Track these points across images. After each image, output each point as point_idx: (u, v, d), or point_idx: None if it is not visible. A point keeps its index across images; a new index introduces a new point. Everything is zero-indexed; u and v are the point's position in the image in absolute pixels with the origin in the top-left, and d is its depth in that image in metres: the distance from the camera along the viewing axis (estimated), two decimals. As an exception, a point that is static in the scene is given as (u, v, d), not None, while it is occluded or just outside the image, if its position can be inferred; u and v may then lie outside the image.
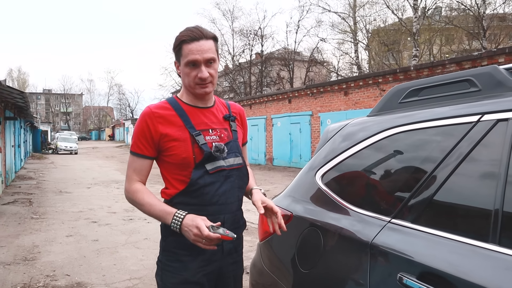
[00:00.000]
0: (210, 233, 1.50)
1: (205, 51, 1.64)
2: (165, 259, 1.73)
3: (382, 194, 1.78)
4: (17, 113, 15.92)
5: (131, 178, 1.73)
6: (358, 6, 31.09)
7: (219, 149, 1.69)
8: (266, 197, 1.80)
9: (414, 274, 1.31)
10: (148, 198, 1.67)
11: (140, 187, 1.71)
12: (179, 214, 1.59)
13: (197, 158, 1.67)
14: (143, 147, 1.69)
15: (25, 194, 11.21)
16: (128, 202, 1.80)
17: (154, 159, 1.74)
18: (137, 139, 1.71)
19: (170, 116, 1.70)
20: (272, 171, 18.57)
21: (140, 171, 1.73)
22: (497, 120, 1.35)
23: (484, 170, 1.37)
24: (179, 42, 1.66)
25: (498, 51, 10.72)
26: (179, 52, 1.67)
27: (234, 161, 1.77)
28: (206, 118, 1.75)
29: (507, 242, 1.17)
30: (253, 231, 6.67)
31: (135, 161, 1.72)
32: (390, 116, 1.84)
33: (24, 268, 4.94)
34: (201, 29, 1.67)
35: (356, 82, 15.50)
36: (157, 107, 1.73)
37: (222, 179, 1.71)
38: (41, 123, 41.90)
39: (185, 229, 1.56)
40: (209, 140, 1.70)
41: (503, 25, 27.93)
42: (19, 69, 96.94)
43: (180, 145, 1.66)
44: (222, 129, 1.78)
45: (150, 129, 1.67)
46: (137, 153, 1.71)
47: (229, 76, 38.48)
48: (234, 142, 1.79)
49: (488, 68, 1.54)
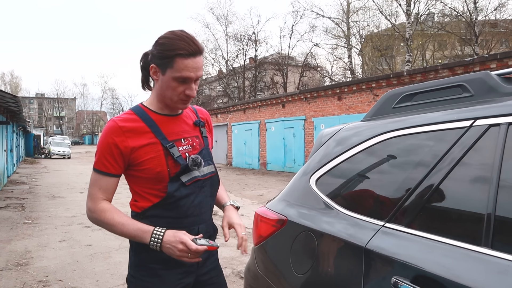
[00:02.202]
0: (198, 247, 1.48)
1: (199, 68, 1.56)
2: (140, 275, 1.64)
3: (376, 199, 1.79)
4: (10, 118, 15.81)
5: (96, 197, 1.58)
6: (351, 12, 31.32)
7: (196, 163, 1.64)
8: (236, 215, 1.80)
9: (408, 278, 1.32)
10: (118, 218, 1.56)
11: (107, 206, 1.59)
12: (158, 232, 1.52)
13: (171, 171, 1.60)
14: (109, 164, 1.56)
15: (18, 199, 11.11)
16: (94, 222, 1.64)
17: (120, 176, 1.63)
18: (102, 156, 1.57)
19: (138, 128, 1.59)
20: (266, 175, 18.56)
21: (106, 190, 1.59)
22: (489, 125, 1.36)
23: (476, 175, 1.39)
24: (174, 54, 1.50)
25: (490, 57, 10.82)
26: (170, 64, 1.52)
27: (208, 169, 1.73)
28: (177, 127, 1.68)
29: (499, 245, 1.19)
30: (248, 235, 6.65)
31: (100, 179, 1.58)
32: (383, 121, 1.86)
33: (17, 274, 4.89)
34: (197, 42, 1.55)
35: (349, 87, 15.57)
36: (124, 119, 1.59)
37: (197, 190, 1.67)
38: (33, 128, 41.65)
39: (167, 245, 1.50)
40: (182, 151, 1.64)
41: (495, 31, 28.24)
42: (12, 73, 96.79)
43: (153, 159, 1.58)
44: (194, 137, 1.72)
45: (118, 145, 1.54)
46: (102, 171, 1.58)
47: (223, 80, 38.56)
48: (206, 150, 1.75)
49: (480, 74, 1.56)
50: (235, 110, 24.56)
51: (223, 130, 25.79)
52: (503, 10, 27.06)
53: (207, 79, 42.06)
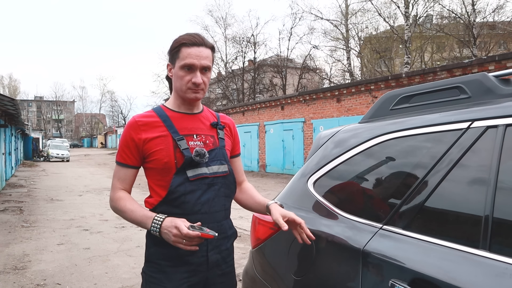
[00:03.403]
0: (189, 231, 1.47)
1: (203, 57, 1.64)
2: (149, 270, 1.71)
3: (373, 201, 1.78)
4: (8, 121, 15.80)
5: (115, 187, 1.72)
6: (350, 14, 31.39)
7: (199, 154, 1.65)
8: (284, 209, 1.72)
9: (405, 281, 1.31)
10: (130, 205, 1.66)
11: (123, 195, 1.70)
12: (158, 218, 1.57)
13: (178, 163, 1.64)
14: (127, 156, 1.69)
15: (16, 202, 11.08)
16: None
17: (138, 168, 1.74)
18: (121, 149, 1.71)
19: (153, 122, 1.69)
20: (265, 177, 18.56)
21: (124, 180, 1.72)
22: (486, 126, 1.36)
23: (474, 177, 1.38)
24: (178, 44, 1.65)
25: (488, 59, 10.84)
26: (177, 54, 1.66)
27: (219, 168, 1.72)
28: (191, 124, 1.74)
29: (497, 248, 1.18)
30: (246, 238, 6.65)
31: (120, 170, 1.72)
32: (381, 123, 1.85)
33: (14, 277, 4.87)
34: (202, 37, 1.68)
35: (348, 89, 15.58)
36: (141, 116, 1.73)
37: (204, 187, 1.67)
38: (32, 131, 41.57)
39: (164, 231, 1.53)
40: (192, 146, 1.68)
41: (493, 33, 28.26)
42: (10, 76, 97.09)
43: (162, 150, 1.65)
44: (208, 135, 1.75)
45: (133, 138, 1.67)
46: (121, 162, 1.71)
47: (222, 83, 38.54)
48: (220, 150, 1.75)
49: (478, 76, 1.55)
50: (234, 112, 24.57)
51: (222, 132, 25.75)
52: (501, 12, 27.19)
53: (206, 81, 41.92)
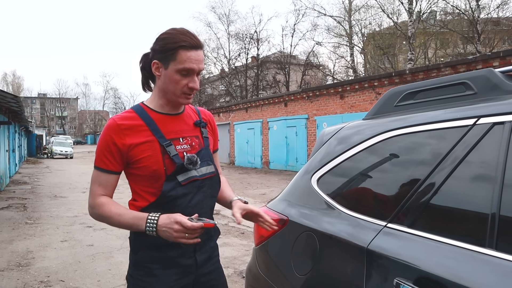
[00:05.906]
0: (193, 223, 1.46)
1: (201, 61, 1.59)
2: (137, 274, 1.64)
3: (377, 198, 1.76)
4: (12, 118, 15.83)
5: (95, 193, 1.61)
6: (353, 10, 31.28)
7: (192, 162, 1.62)
8: (245, 205, 1.72)
9: (410, 279, 1.29)
10: (115, 209, 1.58)
11: (105, 200, 1.60)
12: (153, 216, 1.51)
13: (168, 170, 1.59)
14: (108, 162, 1.59)
15: (20, 199, 11.13)
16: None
17: (120, 173, 1.65)
18: (101, 154, 1.60)
19: (137, 126, 1.60)
20: (269, 174, 18.54)
21: (105, 186, 1.62)
22: (493, 123, 1.34)
23: (480, 174, 1.36)
24: (176, 46, 1.53)
25: (493, 55, 10.78)
26: (173, 56, 1.54)
27: (207, 169, 1.70)
28: (176, 126, 1.68)
29: (504, 246, 1.16)
30: (249, 235, 6.64)
31: (100, 175, 1.61)
32: (385, 120, 1.83)
33: (18, 274, 4.89)
34: (197, 37, 1.59)
35: (352, 86, 15.53)
36: (122, 117, 1.62)
37: (195, 190, 1.65)
38: (36, 128, 41.76)
39: (163, 229, 1.49)
40: (180, 150, 1.64)
41: (497, 29, 28.10)
42: (14, 73, 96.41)
43: (150, 157, 1.58)
44: (193, 136, 1.72)
45: (115, 143, 1.57)
46: (102, 168, 1.60)
47: (225, 79, 38.57)
48: (205, 150, 1.73)
49: (484, 71, 1.53)
50: (237, 109, 24.55)
51: (225, 129, 25.78)
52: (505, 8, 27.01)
53: (209, 78, 42.08)
